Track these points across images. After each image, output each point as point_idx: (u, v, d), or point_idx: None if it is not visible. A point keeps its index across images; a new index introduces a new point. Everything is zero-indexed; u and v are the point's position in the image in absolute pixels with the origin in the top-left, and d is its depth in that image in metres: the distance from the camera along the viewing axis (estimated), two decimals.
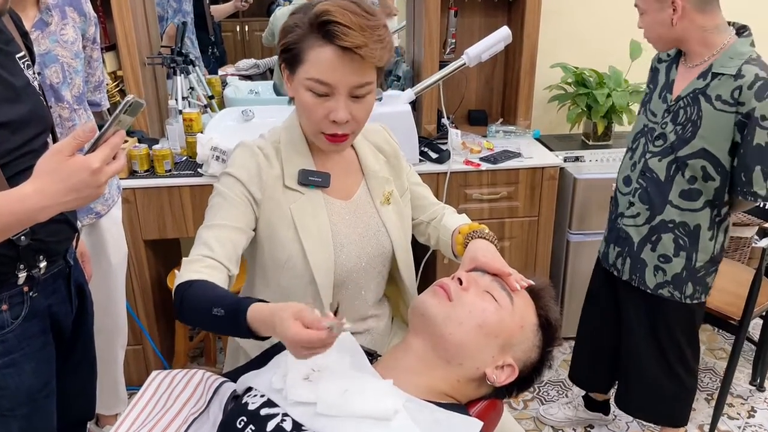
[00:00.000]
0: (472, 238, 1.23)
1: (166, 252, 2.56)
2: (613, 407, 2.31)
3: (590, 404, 2.31)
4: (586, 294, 2.14)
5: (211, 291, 1.06)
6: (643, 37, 1.74)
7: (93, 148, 0.92)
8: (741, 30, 1.65)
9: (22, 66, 1.17)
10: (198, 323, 1.11)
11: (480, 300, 1.06)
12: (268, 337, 0.98)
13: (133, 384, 2.39)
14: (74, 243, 1.40)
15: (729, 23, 1.66)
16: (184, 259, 1.14)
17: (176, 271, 2.30)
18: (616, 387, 2.13)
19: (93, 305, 1.51)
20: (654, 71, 1.84)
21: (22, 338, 1.21)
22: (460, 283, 1.08)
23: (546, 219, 2.49)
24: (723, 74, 1.59)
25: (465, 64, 2.18)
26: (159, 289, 2.41)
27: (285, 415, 0.96)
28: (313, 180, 1.22)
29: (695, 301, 1.81)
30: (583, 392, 2.33)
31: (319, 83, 1.09)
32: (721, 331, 2.87)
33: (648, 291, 1.83)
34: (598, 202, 2.48)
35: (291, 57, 1.12)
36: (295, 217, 1.20)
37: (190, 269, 1.11)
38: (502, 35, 2.17)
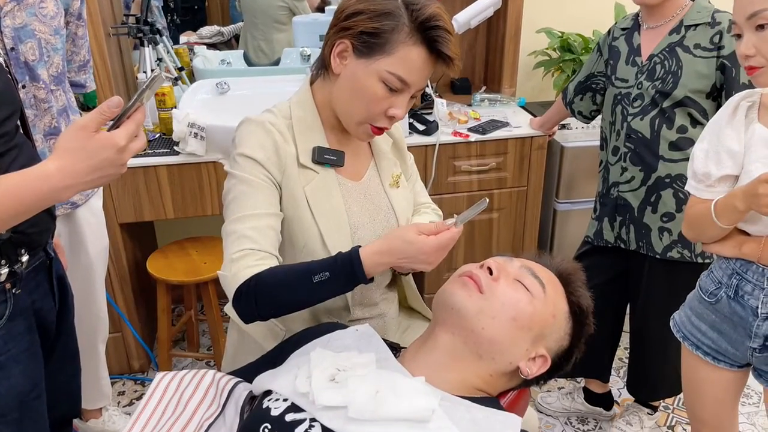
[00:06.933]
0: None
1: (143, 235, 2.44)
2: (616, 396, 2.23)
3: (590, 397, 2.19)
4: None
5: (293, 269, 1.05)
6: None
7: (116, 125, 0.87)
8: None
9: None
10: (285, 307, 1.07)
11: (512, 291, 1.00)
12: (372, 280, 1.05)
13: (114, 373, 2.30)
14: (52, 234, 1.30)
15: None
16: (228, 257, 1.07)
17: (159, 258, 2.18)
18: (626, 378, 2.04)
19: (74, 298, 1.42)
20: (611, 48, 1.87)
21: (8, 339, 1.13)
22: (490, 272, 1.02)
23: (534, 189, 2.45)
24: (698, 24, 1.67)
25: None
26: (137, 274, 2.29)
27: (313, 420, 0.89)
28: (328, 158, 1.16)
29: (707, 260, 1.79)
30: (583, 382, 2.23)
31: (400, 80, 1.06)
32: None
33: (657, 256, 1.80)
34: (584, 171, 2.45)
35: (373, 43, 1.04)
36: (309, 198, 1.14)
37: (244, 265, 1.05)
38: (491, 0, 2.09)
